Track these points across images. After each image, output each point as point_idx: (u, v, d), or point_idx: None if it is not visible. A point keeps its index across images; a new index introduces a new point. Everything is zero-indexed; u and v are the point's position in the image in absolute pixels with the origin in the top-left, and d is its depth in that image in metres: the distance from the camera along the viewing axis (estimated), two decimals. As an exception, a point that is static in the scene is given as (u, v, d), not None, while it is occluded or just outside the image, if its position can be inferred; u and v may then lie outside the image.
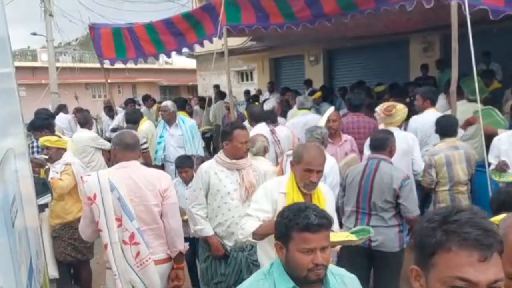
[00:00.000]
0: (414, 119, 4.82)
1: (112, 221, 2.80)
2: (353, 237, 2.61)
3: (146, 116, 7.25)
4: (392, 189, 3.41)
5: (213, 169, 3.32)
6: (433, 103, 4.83)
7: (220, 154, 3.35)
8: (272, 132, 5.04)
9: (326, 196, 2.84)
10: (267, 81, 13.19)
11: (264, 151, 4.28)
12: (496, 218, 1.46)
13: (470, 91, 4.87)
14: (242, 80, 18.14)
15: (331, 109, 4.96)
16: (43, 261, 2.48)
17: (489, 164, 3.90)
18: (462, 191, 3.96)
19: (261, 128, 5.07)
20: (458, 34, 4.29)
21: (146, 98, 10.45)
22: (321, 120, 4.80)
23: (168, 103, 6.23)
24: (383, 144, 3.63)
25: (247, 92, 12.91)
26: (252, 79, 17.27)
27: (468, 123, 4.62)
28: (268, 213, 2.71)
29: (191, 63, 20.32)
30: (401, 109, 4.46)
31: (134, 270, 2.81)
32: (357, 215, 3.59)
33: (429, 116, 4.63)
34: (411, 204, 3.42)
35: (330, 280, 1.83)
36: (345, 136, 4.78)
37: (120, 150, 2.99)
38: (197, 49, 14.75)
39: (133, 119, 6.34)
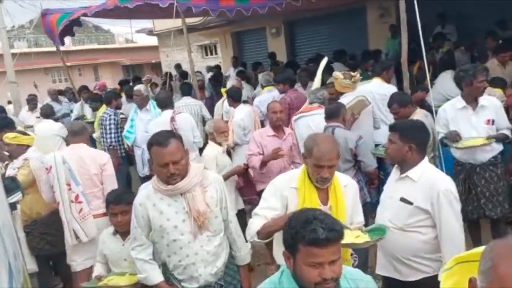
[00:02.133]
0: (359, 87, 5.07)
1: (63, 185, 3.82)
2: (366, 237, 2.38)
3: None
4: (349, 149, 3.88)
5: (150, 199, 2.54)
6: (377, 74, 5.12)
7: (156, 178, 2.55)
8: (172, 120, 5.10)
9: (345, 190, 2.58)
10: (230, 55, 13.15)
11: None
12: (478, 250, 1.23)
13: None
14: (207, 54, 17.94)
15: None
16: (21, 260, 2.57)
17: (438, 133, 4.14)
18: (436, 155, 4.27)
19: (165, 115, 5.24)
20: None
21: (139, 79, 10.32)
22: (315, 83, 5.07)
23: (141, 87, 6.31)
24: (336, 112, 4.10)
25: (217, 67, 12.55)
26: (216, 53, 17.12)
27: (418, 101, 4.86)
28: (276, 210, 2.52)
29: (153, 40, 19.89)
30: (358, 76, 5.02)
31: (78, 221, 3.84)
32: None
33: (371, 85, 5.04)
34: (368, 159, 3.95)
35: (342, 285, 1.75)
36: (287, 130, 4.64)
37: (71, 136, 4.23)
38: (157, 27, 14.55)
39: (95, 107, 6.82)
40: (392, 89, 4.86)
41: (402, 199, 2.64)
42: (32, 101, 8.78)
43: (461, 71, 4.01)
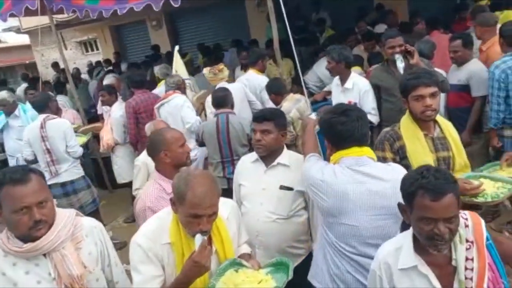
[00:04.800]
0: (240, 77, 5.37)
1: None
2: (272, 283, 1.94)
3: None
4: (245, 134, 4.04)
5: None
6: (251, 64, 5.37)
7: (5, 234, 1.85)
8: (42, 126, 4.59)
9: (228, 223, 2.11)
10: (112, 51, 12.64)
11: None
12: None
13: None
14: (87, 51, 16.95)
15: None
16: None
17: None
18: None
19: (38, 121, 4.72)
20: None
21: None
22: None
23: (4, 94, 5.49)
24: (225, 100, 4.18)
25: (98, 63, 11.84)
26: (97, 49, 16.26)
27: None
28: (158, 277, 1.96)
29: (25, 39, 18.17)
30: (224, 67, 5.15)
31: None
32: (223, 164, 4.10)
33: (246, 76, 5.30)
34: None
35: None
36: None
37: None
38: (26, 23, 13.37)
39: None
40: (266, 80, 5.10)
41: (282, 187, 2.60)
42: None
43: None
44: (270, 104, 4.83)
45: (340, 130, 2.09)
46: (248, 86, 5.00)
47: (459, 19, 6.87)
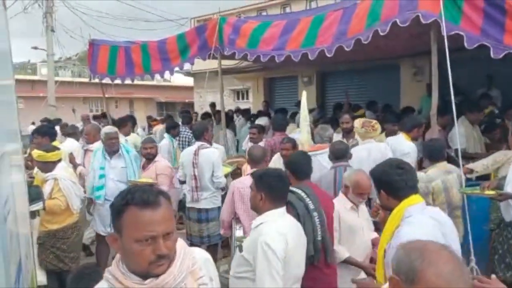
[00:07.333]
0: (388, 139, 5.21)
1: None
2: None
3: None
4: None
5: None
6: (407, 130, 5.09)
7: (115, 269, 1.51)
8: (195, 153, 5.00)
9: None
10: (260, 100, 13.38)
11: None
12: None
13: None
14: (238, 98, 18.38)
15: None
16: (32, 264, 2.61)
17: None
18: (458, 215, 3.97)
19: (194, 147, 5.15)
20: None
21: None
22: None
23: (113, 129, 5.21)
24: (345, 153, 4.23)
25: (245, 111, 11.83)
26: (247, 98, 17.51)
27: None
28: None
29: (189, 81, 20.62)
30: (378, 124, 5.00)
31: None
32: None
33: (395, 138, 5.11)
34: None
35: None
36: None
37: None
38: (195, 66, 15.06)
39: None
40: (412, 146, 4.85)
41: (239, 246, 2.60)
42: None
43: None
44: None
45: (398, 180, 2.39)
46: (394, 148, 4.80)
47: None
